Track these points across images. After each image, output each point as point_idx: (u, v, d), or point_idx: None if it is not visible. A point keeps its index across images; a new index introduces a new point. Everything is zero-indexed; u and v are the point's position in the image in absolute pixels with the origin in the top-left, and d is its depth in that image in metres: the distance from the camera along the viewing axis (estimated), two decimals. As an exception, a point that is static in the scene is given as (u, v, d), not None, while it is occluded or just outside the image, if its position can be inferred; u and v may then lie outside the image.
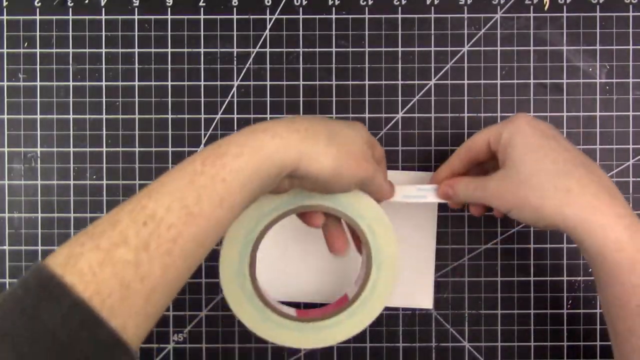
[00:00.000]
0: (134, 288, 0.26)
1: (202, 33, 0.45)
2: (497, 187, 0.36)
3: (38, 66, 0.45)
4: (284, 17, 0.45)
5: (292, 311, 0.40)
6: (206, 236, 0.29)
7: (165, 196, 0.28)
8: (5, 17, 0.45)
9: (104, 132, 0.46)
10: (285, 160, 0.31)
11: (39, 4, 0.45)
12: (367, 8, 0.45)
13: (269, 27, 0.45)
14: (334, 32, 0.45)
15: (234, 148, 0.30)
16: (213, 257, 0.45)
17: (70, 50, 0.45)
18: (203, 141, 0.46)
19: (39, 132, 0.46)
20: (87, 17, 0.45)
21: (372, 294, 0.39)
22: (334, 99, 0.45)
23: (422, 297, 0.45)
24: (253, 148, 0.30)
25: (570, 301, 0.46)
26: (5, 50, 0.45)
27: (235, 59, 0.46)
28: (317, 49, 0.45)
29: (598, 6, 0.45)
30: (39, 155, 0.46)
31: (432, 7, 0.46)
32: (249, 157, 0.30)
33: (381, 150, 0.39)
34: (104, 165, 0.46)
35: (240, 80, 0.45)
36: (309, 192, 0.36)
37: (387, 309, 0.46)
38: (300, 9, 0.45)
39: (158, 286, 0.27)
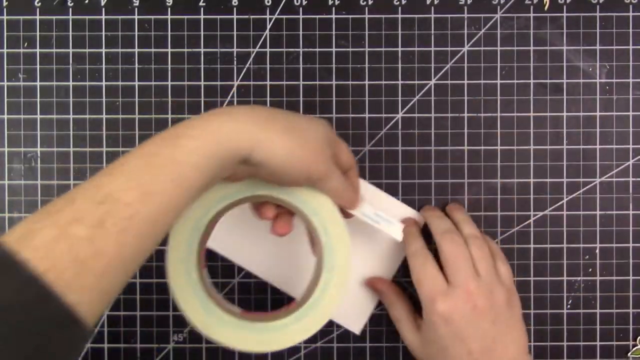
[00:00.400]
0: (89, 264, 0.26)
1: (202, 33, 0.45)
2: (411, 342, 0.42)
3: (38, 66, 0.45)
4: (284, 17, 0.45)
5: (236, 309, 0.38)
6: (162, 216, 0.29)
7: (122, 176, 0.28)
8: (5, 17, 0.45)
9: (104, 132, 0.46)
10: (240, 144, 0.31)
11: (39, 4, 0.45)
12: (367, 8, 0.45)
13: (269, 27, 0.45)
14: (334, 32, 0.45)
15: (190, 130, 0.30)
16: (213, 256, 0.45)
17: (70, 50, 0.45)
18: (203, 141, 0.45)
19: (39, 132, 0.46)
20: (87, 17, 0.45)
21: (322, 298, 0.37)
22: (334, 99, 0.45)
23: (354, 321, 0.45)
24: (208, 131, 0.31)
25: (570, 301, 0.46)
26: (5, 50, 0.45)
27: (235, 59, 0.46)
28: (317, 49, 0.45)
29: (598, 6, 0.45)
30: (39, 155, 0.46)
31: (432, 7, 0.46)
32: (204, 139, 0.30)
33: (349, 156, 0.39)
34: (104, 165, 0.46)
35: (240, 80, 0.45)
36: (264, 183, 0.35)
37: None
38: (300, 9, 0.45)
39: (112, 263, 0.27)
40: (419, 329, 0.41)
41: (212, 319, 0.36)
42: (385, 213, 0.41)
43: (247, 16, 0.45)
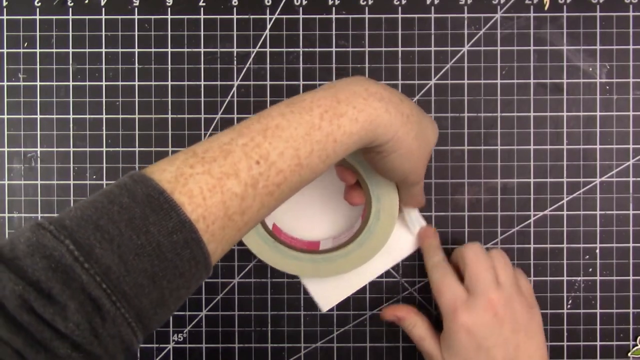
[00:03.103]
0: (233, 220, 0.27)
1: (202, 33, 0.45)
2: (438, 357, 0.41)
3: (38, 66, 0.45)
4: (284, 17, 0.45)
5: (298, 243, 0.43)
6: (302, 185, 0.30)
7: (280, 141, 0.28)
8: (5, 17, 0.45)
9: (104, 132, 0.46)
10: (385, 137, 0.32)
11: (39, 4, 0.45)
12: (367, 8, 0.45)
13: (269, 27, 0.45)
14: (334, 32, 0.45)
15: (351, 111, 0.30)
16: (213, 257, 0.45)
17: (70, 50, 0.46)
18: (203, 141, 0.46)
19: (39, 132, 0.46)
20: (87, 17, 0.45)
21: (375, 225, 0.41)
22: (334, 99, 0.45)
23: (325, 298, 0.45)
24: (368, 116, 0.31)
25: (570, 301, 0.46)
26: (5, 50, 0.45)
27: (235, 59, 0.46)
28: (317, 49, 0.45)
29: (598, 6, 0.45)
30: (39, 155, 0.46)
31: (432, 7, 0.46)
32: (362, 124, 0.30)
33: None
34: (104, 165, 0.46)
35: (240, 80, 0.45)
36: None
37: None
38: (300, 9, 0.45)
39: (250, 221, 0.28)
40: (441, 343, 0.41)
41: (279, 255, 0.41)
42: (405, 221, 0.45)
43: (247, 16, 0.45)
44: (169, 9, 0.45)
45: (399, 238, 0.45)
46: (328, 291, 0.45)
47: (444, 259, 0.42)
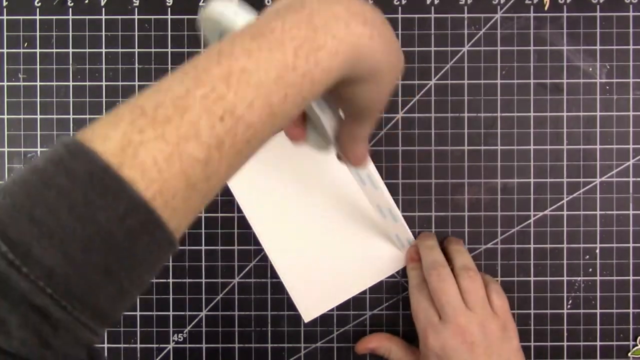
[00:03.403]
0: (199, 188, 0.23)
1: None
2: None
3: (38, 66, 0.45)
4: (284, 17, 0.45)
5: None
6: (274, 134, 0.25)
7: (248, 89, 0.23)
8: (5, 17, 0.45)
9: (104, 132, 0.46)
10: (365, 68, 0.26)
11: (39, 4, 0.45)
12: (367, 8, 0.45)
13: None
14: (334, 32, 0.45)
15: (331, 41, 0.24)
16: (213, 256, 0.45)
17: (70, 50, 0.45)
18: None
19: (39, 132, 0.46)
20: (87, 17, 0.45)
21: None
22: (334, 99, 0.45)
23: (308, 309, 0.45)
24: (350, 46, 0.25)
25: (570, 301, 0.46)
26: (5, 50, 0.45)
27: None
28: (317, 49, 0.45)
29: (598, 6, 0.45)
30: (39, 155, 0.45)
31: (432, 7, 0.45)
32: (343, 57, 0.25)
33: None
34: (104, 165, 0.45)
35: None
36: None
37: (388, 309, 0.46)
38: (300, 9, 0.45)
39: (218, 185, 0.24)
40: None
41: None
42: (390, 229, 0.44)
43: (247, 16, 0.45)
44: (169, 9, 0.45)
45: (387, 253, 0.45)
46: (312, 302, 0.45)
47: (422, 281, 0.42)
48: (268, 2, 0.45)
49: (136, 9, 0.45)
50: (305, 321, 0.45)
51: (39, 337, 0.20)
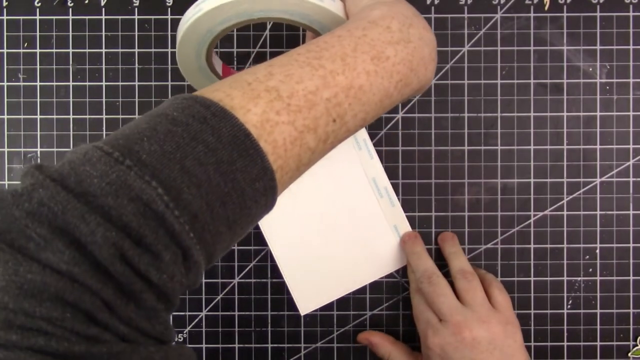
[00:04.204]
0: (300, 170, 0.27)
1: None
2: None
3: (38, 66, 0.45)
4: (284, 17, 0.45)
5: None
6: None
7: (358, 105, 0.28)
8: (5, 17, 0.45)
9: (104, 132, 0.46)
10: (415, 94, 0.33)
11: (39, 4, 0.45)
12: (367, 8, 0.45)
13: (269, 27, 0.45)
14: (334, 32, 0.45)
15: (415, 81, 0.31)
16: (213, 257, 0.45)
17: (70, 50, 0.45)
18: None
19: (39, 132, 0.46)
20: (87, 17, 0.45)
21: None
22: (334, 99, 0.45)
23: (306, 301, 0.45)
24: (420, 86, 0.31)
25: (570, 301, 0.46)
26: (5, 50, 0.45)
27: (235, 59, 0.45)
28: (317, 49, 0.45)
29: (598, 6, 0.45)
30: (39, 155, 0.45)
31: (432, 7, 0.45)
32: (412, 92, 0.31)
33: None
34: (104, 165, 0.45)
35: (240, 80, 0.45)
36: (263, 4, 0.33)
37: (388, 309, 0.46)
38: (300, 9, 0.45)
39: (304, 172, 0.28)
40: None
41: None
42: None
43: (247, 16, 0.45)
44: (169, 9, 0.45)
45: (390, 250, 0.45)
46: (310, 295, 0.45)
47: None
48: (268, 2, 0.45)
49: (136, 9, 0.45)
50: (302, 314, 0.45)
51: (181, 275, 0.22)
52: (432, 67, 0.32)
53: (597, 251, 0.45)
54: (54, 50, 0.45)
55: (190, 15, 0.33)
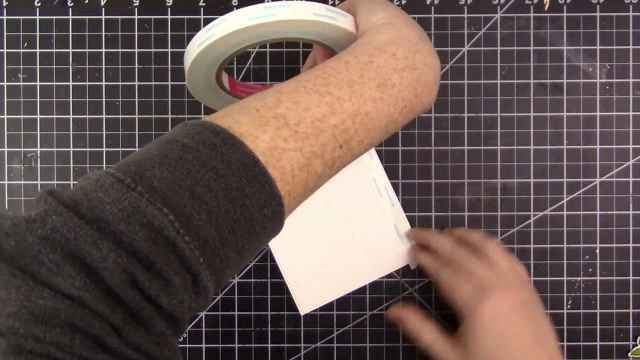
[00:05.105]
0: (307, 194, 0.28)
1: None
2: None
3: (38, 66, 0.45)
4: (284, 17, 0.45)
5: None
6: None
7: (364, 131, 0.28)
8: (5, 17, 0.45)
9: (104, 132, 0.46)
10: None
11: (39, 4, 0.45)
12: (367, 8, 0.45)
13: (269, 27, 0.45)
14: (334, 32, 0.45)
15: (419, 106, 0.31)
16: (213, 257, 0.45)
17: (70, 50, 0.46)
18: (203, 141, 0.46)
19: (39, 132, 0.46)
20: (87, 17, 0.45)
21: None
22: (334, 99, 0.45)
23: (306, 301, 0.45)
24: (424, 109, 0.32)
25: (570, 301, 0.46)
26: (5, 50, 0.45)
27: (234, 59, 0.46)
28: (317, 49, 0.45)
29: (598, 6, 0.45)
30: (39, 155, 0.46)
31: (432, 7, 0.45)
32: (415, 115, 0.32)
33: None
34: (104, 165, 0.45)
35: (241, 80, 0.45)
36: (276, 29, 0.34)
37: (388, 309, 0.46)
38: (300, 9, 0.45)
39: (310, 195, 0.29)
40: (456, 345, 0.40)
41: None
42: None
43: (247, 16, 0.45)
44: (169, 9, 0.45)
45: (390, 249, 0.45)
46: (310, 294, 0.45)
47: (445, 262, 0.42)
48: (268, 2, 0.45)
49: (136, 9, 0.45)
50: (302, 314, 0.45)
51: (191, 300, 0.22)
52: (435, 92, 0.33)
53: (597, 251, 0.45)
54: (54, 50, 0.45)
55: (202, 41, 0.32)
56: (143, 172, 0.22)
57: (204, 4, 0.45)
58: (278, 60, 0.45)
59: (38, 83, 0.45)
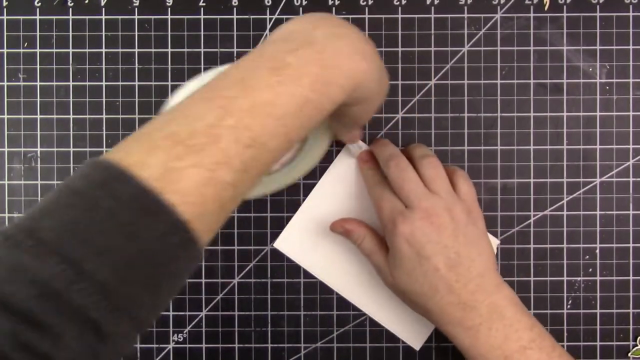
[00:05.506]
0: (226, 207, 0.26)
1: (202, 33, 0.45)
2: (384, 273, 0.40)
3: (38, 66, 0.45)
4: (284, 17, 0.45)
5: None
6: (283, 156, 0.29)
7: (271, 120, 0.26)
8: (5, 17, 0.45)
9: (104, 132, 0.46)
10: (362, 95, 0.31)
11: (39, 4, 0.45)
12: (367, 8, 0.45)
13: (269, 27, 0.45)
14: (334, 32, 0.45)
15: (338, 77, 0.29)
16: (213, 256, 0.45)
17: (70, 50, 0.46)
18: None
19: (39, 132, 0.46)
20: (87, 17, 0.45)
21: (305, 156, 0.42)
22: (334, 99, 0.45)
23: (414, 336, 0.45)
24: (354, 80, 0.29)
25: (570, 301, 0.46)
26: (5, 50, 0.45)
27: (235, 59, 0.45)
28: (317, 49, 0.45)
29: (598, 6, 0.45)
30: (39, 155, 0.46)
31: (432, 7, 0.46)
32: (348, 89, 0.29)
33: None
34: (104, 165, 0.45)
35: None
36: None
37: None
38: (300, 9, 0.45)
39: (239, 202, 0.27)
40: (388, 259, 0.40)
41: None
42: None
43: (247, 16, 0.45)
44: (169, 9, 0.45)
45: None
46: (412, 329, 0.45)
47: (382, 179, 0.41)
48: (268, 2, 0.45)
49: (136, 9, 0.45)
50: (416, 349, 0.45)
51: (91, 350, 0.21)
52: (359, 57, 0.30)
53: (597, 251, 0.46)
54: (54, 50, 0.45)
55: (167, 105, 0.36)
56: (34, 225, 0.22)
57: (204, 4, 0.45)
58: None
59: (38, 83, 0.45)
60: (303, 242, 0.45)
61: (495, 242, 0.45)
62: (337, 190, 0.45)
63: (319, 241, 0.45)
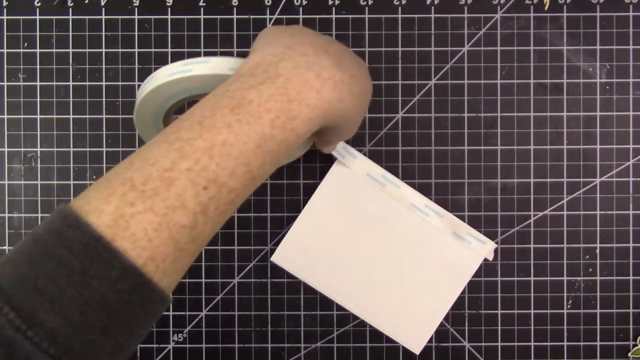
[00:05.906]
0: (187, 249, 0.25)
1: (202, 33, 0.45)
2: None
3: (38, 66, 0.45)
4: (284, 17, 0.45)
5: None
6: (250, 192, 0.28)
7: (230, 160, 0.26)
8: (5, 17, 0.45)
9: (104, 132, 0.46)
10: (335, 123, 0.30)
11: (39, 4, 0.45)
12: (367, 8, 0.45)
13: (268, 26, 0.45)
14: (334, 32, 0.45)
15: (304, 110, 0.28)
16: (213, 256, 0.45)
17: (70, 50, 0.46)
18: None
19: (39, 132, 0.46)
20: (87, 17, 0.45)
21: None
22: (334, 99, 0.45)
23: (414, 340, 0.45)
24: (322, 111, 0.28)
25: (570, 301, 0.46)
26: (5, 50, 0.45)
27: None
28: (317, 49, 0.45)
29: (598, 6, 0.45)
30: (39, 155, 0.46)
31: (432, 7, 0.46)
32: (316, 121, 0.28)
33: None
34: (104, 165, 0.46)
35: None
36: (203, 86, 0.33)
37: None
38: (300, 9, 0.45)
39: (204, 243, 0.27)
40: None
41: None
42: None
43: (247, 16, 0.45)
44: (169, 9, 0.45)
45: (459, 257, 0.45)
46: (413, 333, 0.45)
47: None
48: (268, 2, 0.45)
49: (136, 9, 0.45)
50: (416, 353, 0.45)
51: None
52: (328, 87, 0.28)
53: (597, 251, 0.46)
54: (54, 50, 0.45)
55: (139, 95, 0.35)
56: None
57: (204, 4, 0.45)
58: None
59: (38, 83, 0.46)
60: (300, 254, 0.45)
61: (491, 245, 0.45)
62: (332, 202, 0.45)
63: (316, 253, 0.45)
